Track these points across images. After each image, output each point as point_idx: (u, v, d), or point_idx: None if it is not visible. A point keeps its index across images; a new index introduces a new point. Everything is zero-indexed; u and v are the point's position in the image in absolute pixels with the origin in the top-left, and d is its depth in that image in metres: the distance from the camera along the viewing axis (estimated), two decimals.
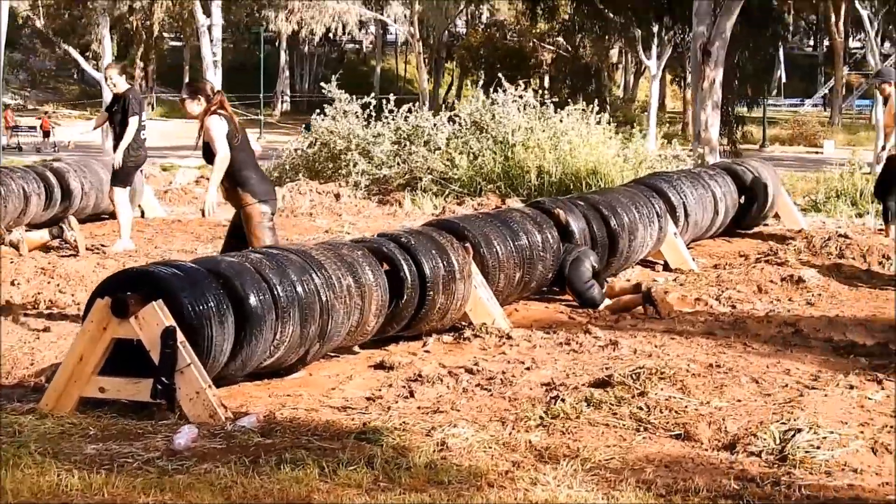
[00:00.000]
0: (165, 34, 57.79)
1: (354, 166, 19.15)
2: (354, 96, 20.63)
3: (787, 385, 7.61)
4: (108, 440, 6.27)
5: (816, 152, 47.21)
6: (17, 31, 52.14)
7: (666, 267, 12.68)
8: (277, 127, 56.61)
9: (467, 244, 9.40)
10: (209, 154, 9.41)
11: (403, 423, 6.71)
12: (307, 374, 8.10)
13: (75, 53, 44.89)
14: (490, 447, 6.19)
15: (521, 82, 19.83)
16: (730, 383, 7.55)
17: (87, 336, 6.93)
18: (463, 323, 9.43)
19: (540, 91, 45.10)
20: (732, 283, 11.66)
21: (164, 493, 5.29)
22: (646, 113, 42.78)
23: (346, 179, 19.12)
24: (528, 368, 8.13)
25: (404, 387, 7.70)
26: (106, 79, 13.48)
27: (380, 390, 7.70)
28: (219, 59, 57.21)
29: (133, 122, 12.92)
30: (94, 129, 15.18)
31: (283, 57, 61.21)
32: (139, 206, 16.62)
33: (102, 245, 13.62)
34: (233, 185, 9.33)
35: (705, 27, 23.88)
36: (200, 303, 6.94)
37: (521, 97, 19.14)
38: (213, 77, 57.00)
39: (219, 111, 9.37)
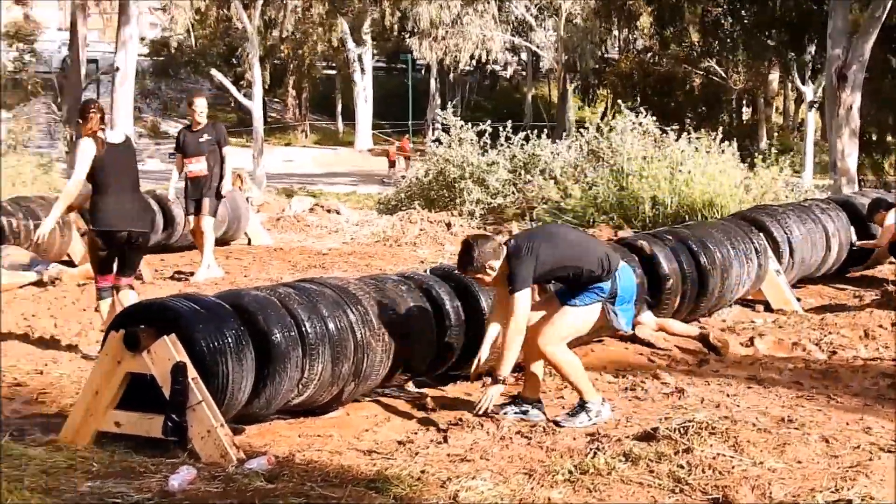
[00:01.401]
0: (318, 63, 58.28)
1: (469, 195, 18.78)
2: (491, 122, 20.01)
3: (859, 446, 6.84)
4: (107, 477, 6.00)
5: None
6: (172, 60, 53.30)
7: (767, 307, 11.95)
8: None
9: None
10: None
11: (423, 471, 6.31)
12: (344, 414, 7.75)
13: (226, 81, 45.54)
14: (503, 503, 5.74)
15: (641, 108, 19.21)
16: (795, 441, 6.87)
17: (101, 369, 6.69)
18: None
19: (689, 118, 44.15)
20: (837, 326, 10.92)
21: None
22: (804, 142, 41.06)
23: (460, 208, 18.77)
24: None
25: (441, 431, 7.28)
26: (191, 104, 13.22)
27: (415, 433, 7.32)
28: (369, 87, 57.69)
29: (229, 151, 12.81)
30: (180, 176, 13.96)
31: (433, 84, 61.23)
32: (245, 233, 16.57)
33: (189, 273, 13.48)
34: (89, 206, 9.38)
35: (841, 50, 22.86)
36: (216, 338, 6.61)
37: (640, 124, 18.55)
38: (364, 105, 57.47)
39: (93, 133, 9.20)
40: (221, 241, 15.95)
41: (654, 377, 8.66)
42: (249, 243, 16.43)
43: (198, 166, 13.00)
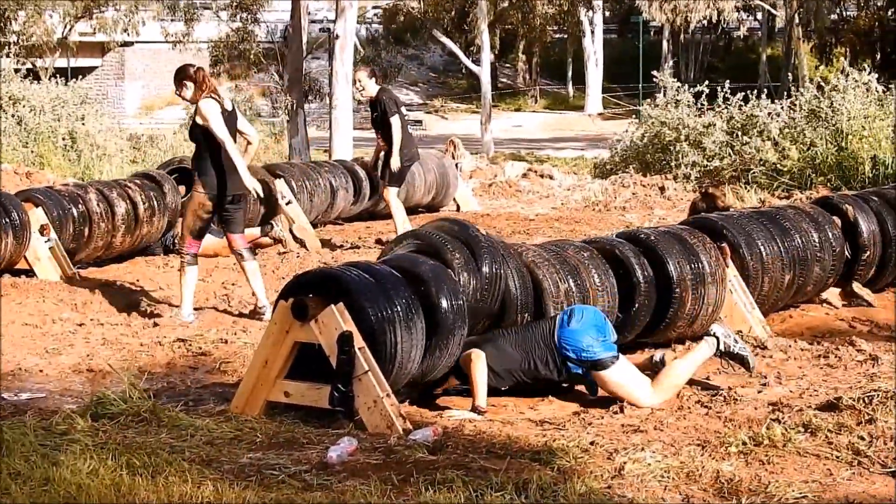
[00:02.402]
0: (548, 27, 57.99)
1: (684, 157, 18.36)
2: (722, 83, 19.33)
3: None
4: (269, 448, 6.05)
5: None
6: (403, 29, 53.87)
7: None
8: None
9: (723, 244, 8.60)
10: (194, 134, 9.63)
11: (592, 442, 6.15)
12: None
13: (455, 48, 45.77)
14: (668, 476, 5.53)
15: (865, 65, 18.35)
16: None
17: (270, 339, 6.73)
18: None
19: None
20: None
21: None
22: None
23: (675, 172, 18.38)
24: (765, 384, 7.34)
25: (620, 400, 7.09)
26: (355, 82, 13.19)
27: (592, 404, 7.14)
28: (600, 51, 57.15)
29: (395, 121, 12.55)
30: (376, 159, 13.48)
31: (665, 46, 60.17)
32: (454, 199, 16.60)
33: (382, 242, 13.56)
34: (194, 169, 9.70)
35: None
36: (385, 307, 6.57)
37: (864, 83, 17.72)
38: (595, 68, 56.97)
39: (211, 95, 9.49)
40: (430, 207, 16.03)
41: (850, 344, 8.25)
42: (458, 209, 16.43)
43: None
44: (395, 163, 12.64)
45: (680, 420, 6.63)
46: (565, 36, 61.89)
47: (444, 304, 6.78)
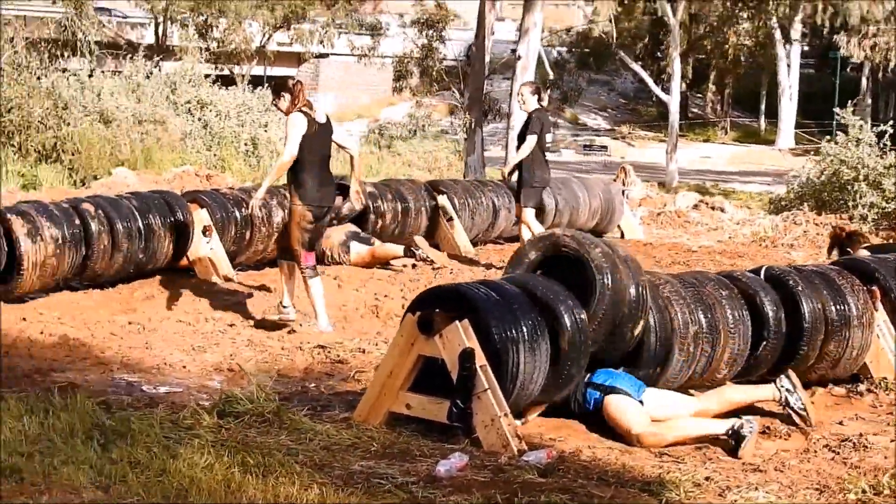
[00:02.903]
0: (742, 59, 57.18)
1: (861, 198, 17.87)
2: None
3: None
4: (382, 458, 6.12)
5: None
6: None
7: None
8: None
9: (874, 287, 8.36)
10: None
11: (708, 478, 6.07)
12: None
13: (645, 75, 45.51)
14: None
15: None
16: None
17: (396, 351, 6.80)
18: (867, 375, 8.41)
19: None
20: None
21: None
22: None
23: (851, 212, 17.89)
24: None
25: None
26: (518, 95, 13.19)
27: (715, 439, 7.01)
28: (795, 85, 56.07)
29: (530, 140, 12.52)
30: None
31: (864, 83, 58.75)
32: (618, 226, 16.51)
33: None
34: (289, 182, 9.72)
35: None
36: (511, 327, 6.58)
37: None
38: (788, 102, 55.93)
39: (302, 109, 9.61)
40: (593, 233, 15.92)
41: None
42: (622, 237, 16.31)
43: None
44: (506, 170, 13.03)
45: (803, 463, 6.49)
46: (760, 68, 60.92)
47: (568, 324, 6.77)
